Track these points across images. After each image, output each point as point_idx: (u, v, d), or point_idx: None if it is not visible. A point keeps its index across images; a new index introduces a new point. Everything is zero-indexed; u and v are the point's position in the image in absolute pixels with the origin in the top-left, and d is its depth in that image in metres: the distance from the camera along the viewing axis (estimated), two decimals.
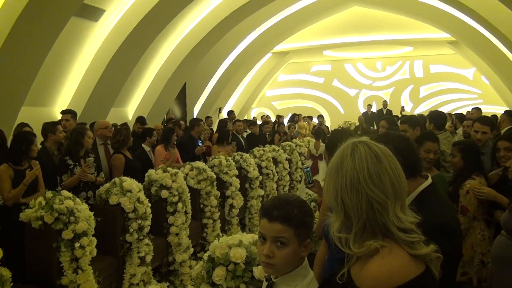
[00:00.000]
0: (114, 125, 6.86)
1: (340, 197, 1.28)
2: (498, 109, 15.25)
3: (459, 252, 1.81)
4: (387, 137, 2.04)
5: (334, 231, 1.31)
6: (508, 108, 11.03)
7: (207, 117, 12.14)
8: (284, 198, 1.49)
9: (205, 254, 2.49)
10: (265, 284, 1.59)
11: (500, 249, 2.82)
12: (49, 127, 5.00)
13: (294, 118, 14.32)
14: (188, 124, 8.26)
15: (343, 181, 1.27)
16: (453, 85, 18.13)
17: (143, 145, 6.14)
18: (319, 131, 9.39)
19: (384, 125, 5.30)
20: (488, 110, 14.55)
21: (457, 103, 17.79)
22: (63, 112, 6.36)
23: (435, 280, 1.27)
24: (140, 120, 8.12)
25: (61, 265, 3.54)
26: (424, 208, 1.79)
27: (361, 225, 1.27)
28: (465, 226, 3.37)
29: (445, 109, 14.71)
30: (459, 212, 3.41)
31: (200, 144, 7.22)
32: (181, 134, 7.47)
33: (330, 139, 3.12)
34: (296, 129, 12.36)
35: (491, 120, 4.61)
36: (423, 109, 17.60)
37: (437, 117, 5.01)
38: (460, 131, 6.85)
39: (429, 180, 1.90)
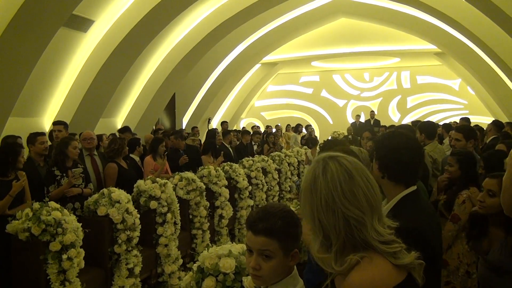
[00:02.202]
0: (99, 136, 6.81)
1: (317, 217, 1.28)
2: (484, 119, 15.48)
3: (435, 261, 1.82)
4: (399, 134, 2.05)
5: (314, 252, 1.31)
6: (493, 118, 11.19)
7: (193, 127, 12.13)
8: (268, 210, 1.48)
9: (195, 264, 2.49)
10: None
11: (490, 284, 2.77)
12: (30, 139, 4.99)
13: (298, 128, 14.35)
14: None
15: (318, 202, 1.27)
16: (440, 96, 18.38)
17: (131, 155, 6.11)
18: (314, 139, 9.67)
19: (367, 136, 5.36)
20: (474, 120, 14.74)
21: (443, 114, 18.02)
22: (55, 123, 6.31)
23: (418, 286, 1.28)
24: (121, 130, 7.99)
25: (48, 277, 3.49)
26: (401, 213, 1.82)
27: (341, 244, 1.27)
28: (453, 233, 3.40)
29: (432, 120, 14.88)
30: (450, 219, 3.44)
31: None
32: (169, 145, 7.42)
33: (323, 149, 3.13)
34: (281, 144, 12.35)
35: (466, 128, 4.65)
36: (410, 119, 17.78)
37: (427, 127, 5.08)
38: (446, 141, 6.95)
39: (414, 187, 1.94)
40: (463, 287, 3.33)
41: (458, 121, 9.48)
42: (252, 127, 14.71)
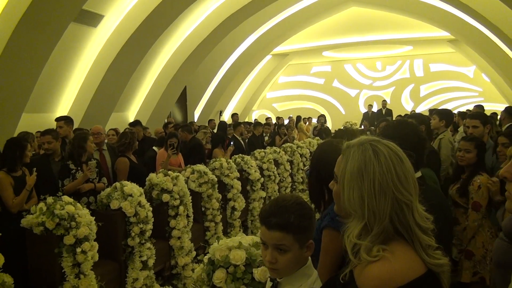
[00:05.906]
0: (116, 130, 6.87)
1: (366, 203, 1.23)
2: (499, 107, 15.21)
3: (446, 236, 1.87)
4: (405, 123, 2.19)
5: (352, 237, 1.25)
6: (508, 105, 10.98)
7: (210, 120, 12.14)
8: (281, 204, 1.47)
9: (205, 256, 2.49)
10: (269, 284, 1.60)
11: (501, 253, 2.79)
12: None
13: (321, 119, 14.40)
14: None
15: (371, 187, 1.22)
16: (454, 84, 18.11)
17: (155, 147, 6.48)
18: (327, 130, 9.59)
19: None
20: (489, 107, 14.51)
21: (458, 101, 17.76)
22: (56, 119, 6.24)
23: (438, 281, 1.24)
24: (132, 123, 7.93)
25: (63, 270, 3.54)
26: None
27: (380, 230, 1.22)
28: (478, 222, 3.36)
29: (446, 108, 14.68)
30: (472, 209, 3.39)
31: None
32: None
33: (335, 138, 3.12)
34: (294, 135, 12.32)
35: (481, 114, 4.62)
36: (423, 108, 17.58)
37: (447, 114, 5.07)
38: (461, 129, 6.86)
39: (418, 173, 1.96)
40: (490, 275, 3.28)
41: (471, 109, 9.31)
42: (266, 119, 14.68)
